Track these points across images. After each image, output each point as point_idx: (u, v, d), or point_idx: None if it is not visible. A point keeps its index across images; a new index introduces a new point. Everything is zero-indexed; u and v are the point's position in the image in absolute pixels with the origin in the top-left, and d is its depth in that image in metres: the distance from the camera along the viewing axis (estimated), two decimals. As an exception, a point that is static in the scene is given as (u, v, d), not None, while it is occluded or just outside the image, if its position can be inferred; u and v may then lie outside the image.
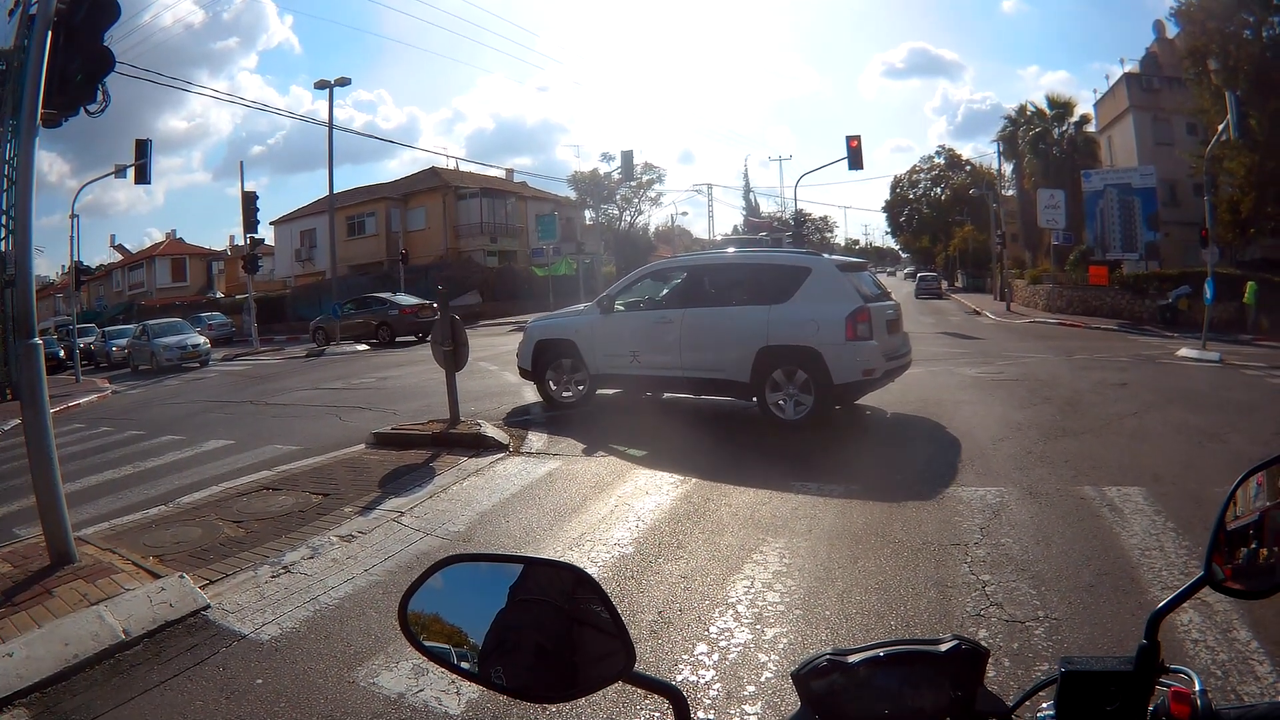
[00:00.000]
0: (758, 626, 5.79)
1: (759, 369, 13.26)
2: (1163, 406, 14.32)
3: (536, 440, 12.67)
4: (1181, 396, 15.60)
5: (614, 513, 8.85)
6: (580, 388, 15.25)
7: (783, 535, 7.75)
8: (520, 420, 14.30)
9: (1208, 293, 27.37)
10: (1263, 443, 11.48)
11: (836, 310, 12.82)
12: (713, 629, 5.77)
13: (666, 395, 15.40)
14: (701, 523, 8.31)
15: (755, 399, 13.52)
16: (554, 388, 15.47)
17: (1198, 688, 1.36)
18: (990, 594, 6.15)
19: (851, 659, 1.41)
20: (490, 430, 12.70)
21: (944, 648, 1.41)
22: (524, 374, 15.89)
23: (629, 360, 14.53)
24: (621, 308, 14.98)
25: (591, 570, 6.89)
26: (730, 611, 6.06)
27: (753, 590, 6.43)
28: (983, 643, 1.43)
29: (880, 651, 1.42)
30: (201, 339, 39.56)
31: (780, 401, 13.19)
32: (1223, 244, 41.63)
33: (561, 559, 1.55)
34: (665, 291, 15.00)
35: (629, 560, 7.36)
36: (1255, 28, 41.74)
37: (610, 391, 15.78)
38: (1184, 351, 24.91)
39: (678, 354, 14.03)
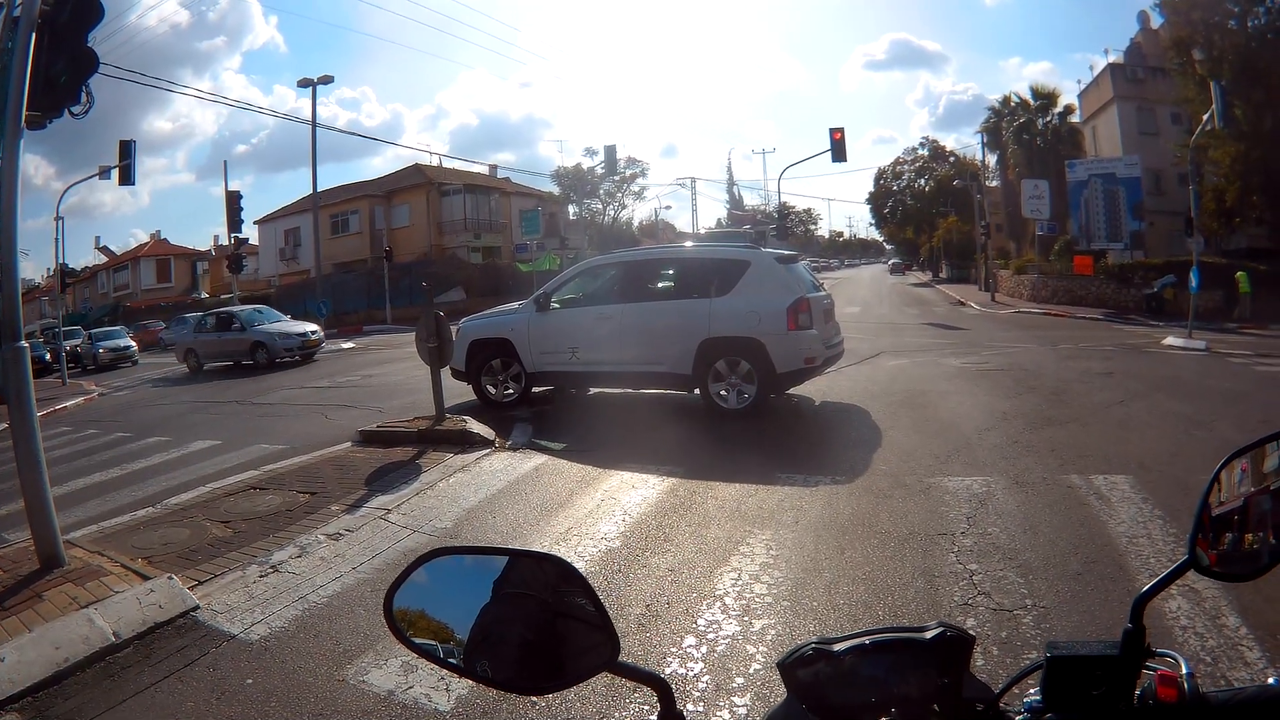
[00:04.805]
0: (745, 618, 5.80)
1: (701, 361, 13.55)
2: (1149, 395, 14.35)
3: (522, 436, 12.62)
4: (1167, 385, 15.64)
5: (600, 507, 8.87)
6: (517, 385, 15.31)
7: (769, 527, 7.77)
8: (506, 416, 14.23)
9: (1193, 282, 27.46)
10: (1249, 430, 11.40)
11: (778, 301, 13.17)
12: (700, 621, 5.78)
13: (644, 391, 15.39)
14: (688, 516, 8.32)
15: (698, 390, 13.79)
16: (490, 388, 15.50)
17: (1184, 671, 1.36)
18: (978, 583, 6.17)
19: (837, 648, 1.41)
20: (476, 426, 12.67)
21: (929, 635, 1.40)
22: (456, 374, 15.60)
23: (568, 357, 14.65)
24: (558, 305, 15.08)
25: (578, 564, 6.85)
26: (718, 604, 6.07)
27: (740, 582, 6.44)
28: (970, 631, 1.43)
29: (866, 640, 1.41)
30: (312, 326, 35.24)
31: (723, 391, 13.52)
32: (1208, 233, 41.83)
33: (546, 551, 1.56)
34: (603, 287, 15.07)
35: (616, 554, 7.37)
36: (1240, 18, 41.91)
37: (541, 389, 15.86)
38: (1170, 340, 24.99)
39: (618, 349, 14.21)
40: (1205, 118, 29.97)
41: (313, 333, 33.81)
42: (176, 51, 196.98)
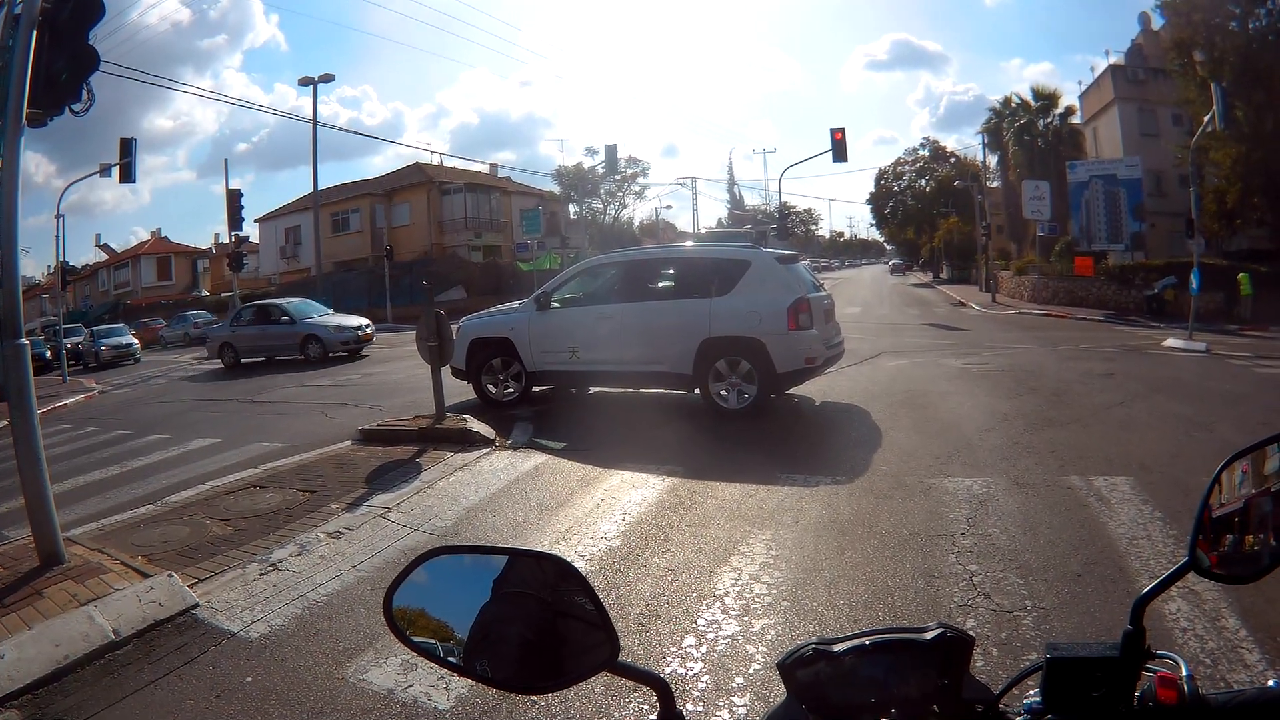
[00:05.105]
0: (745, 618, 5.81)
1: (701, 360, 13.57)
2: (1149, 396, 14.35)
3: (522, 435, 12.62)
4: (1168, 386, 15.64)
5: (600, 506, 8.88)
6: (517, 384, 15.34)
7: (769, 527, 7.77)
8: (506, 415, 14.25)
9: (1193, 283, 27.48)
10: (1249, 431, 11.46)
11: (778, 301, 13.21)
12: (700, 621, 5.79)
13: (645, 391, 15.45)
14: (688, 516, 8.32)
15: (698, 390, 13.82)
16: (490, 387, 15.52)
17: (1184, 673, 1.36)
18: (978, 584, 6.18)
19: (837, 648, 1.41)
20: (476, 425, 12.66)
21: (929, 636, 1.40)
22: (457, 373, 15.56)
23: (568, 356, 14.68)
24: (558, 304, 15.10)
25: (578, 564, 6.83)
26: (717, 604, 6.07)
27: (740, 582, 6.45)
28: (970, 632, 1.43)
29: (866, 640, 1.42)
30: (364, 319, 33.23)
31: (723, 391, 13.54)
32: (1209, 235, 41.90)
33: (545, 550, 1.56)
34: (603, 287, 15.11)
35: (616, 553, 7.38)
36: (1241, 19, 41.97)
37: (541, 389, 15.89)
38: (1170, 342, 24.99)
39: (618, 348, 14.24)
40: (1206, 119, 29.97)
41: (365, 326, 32.18)
42: (178, 49, 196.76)
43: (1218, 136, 37.20)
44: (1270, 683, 1.36)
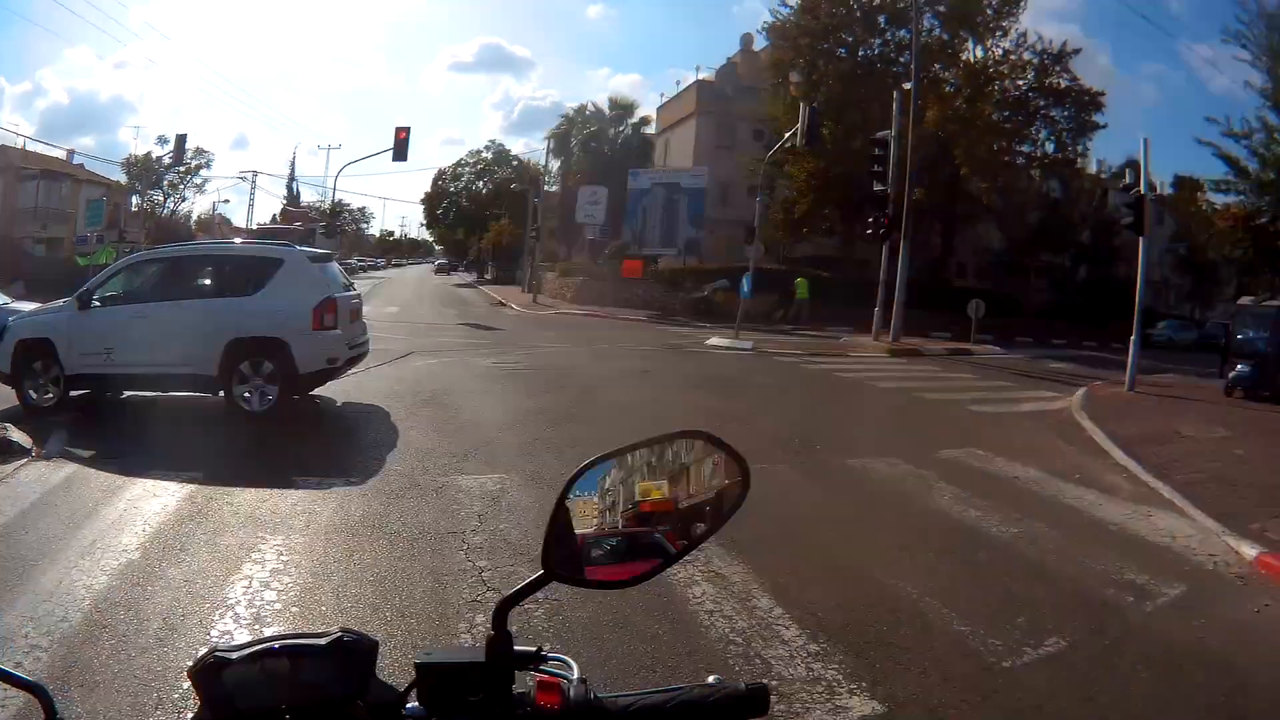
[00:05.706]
0: (256, 626, 5.90)
1: (227, 362, 13.31)
2: (686, 391, 15.25)
3: (56, 444, 11.91)
4: (707, 382, 16.66)
5: (123, 517, 8.57)
6: (56, 389, 14.26)
7: (281, 532, 7.84)
8: (48, 422, 13.23)
9: (744, 286, 29.45)
10: (790, 422, 12.62)
11: (304, 300, 13.27)
12: (214, 632, 5.82)
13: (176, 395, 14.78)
14: (204, 523, 8.22)
15: (222, 392, 13.58)
16: (33, 393, 14.29)
17: (574, 676, 1.48)
18: (487, 579, 6.55)
19: (240, 654, 1.46)
20: (16, 435, 11.79)
21: (327, 640, 1.49)
22: (2, 378, 14.41)
23: (104, 358, 13.88)
24: (99, 303, 14.33)
25: (101, 579, 6.79)
26: (230, 613, 6.12)
27: (251, 590, 6.50)
28: (374, 635, 1.56)
29: (274, 644, 1.48)
30: None
31: (247, 394, 13.36)
32: (775, 242, 45.01)
33: None
34: (143, 284, 14.66)
35: (135, 566, 7.18)
36: (851, 46, 45.24)
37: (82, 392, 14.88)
38: (714, 340, 26.73)
39: (149, 350, 13.69)
40: (787, 135, 32.06)
41: None
42: None
43: (796, 152, 40.18)
44: (710, 679, 1.51)
